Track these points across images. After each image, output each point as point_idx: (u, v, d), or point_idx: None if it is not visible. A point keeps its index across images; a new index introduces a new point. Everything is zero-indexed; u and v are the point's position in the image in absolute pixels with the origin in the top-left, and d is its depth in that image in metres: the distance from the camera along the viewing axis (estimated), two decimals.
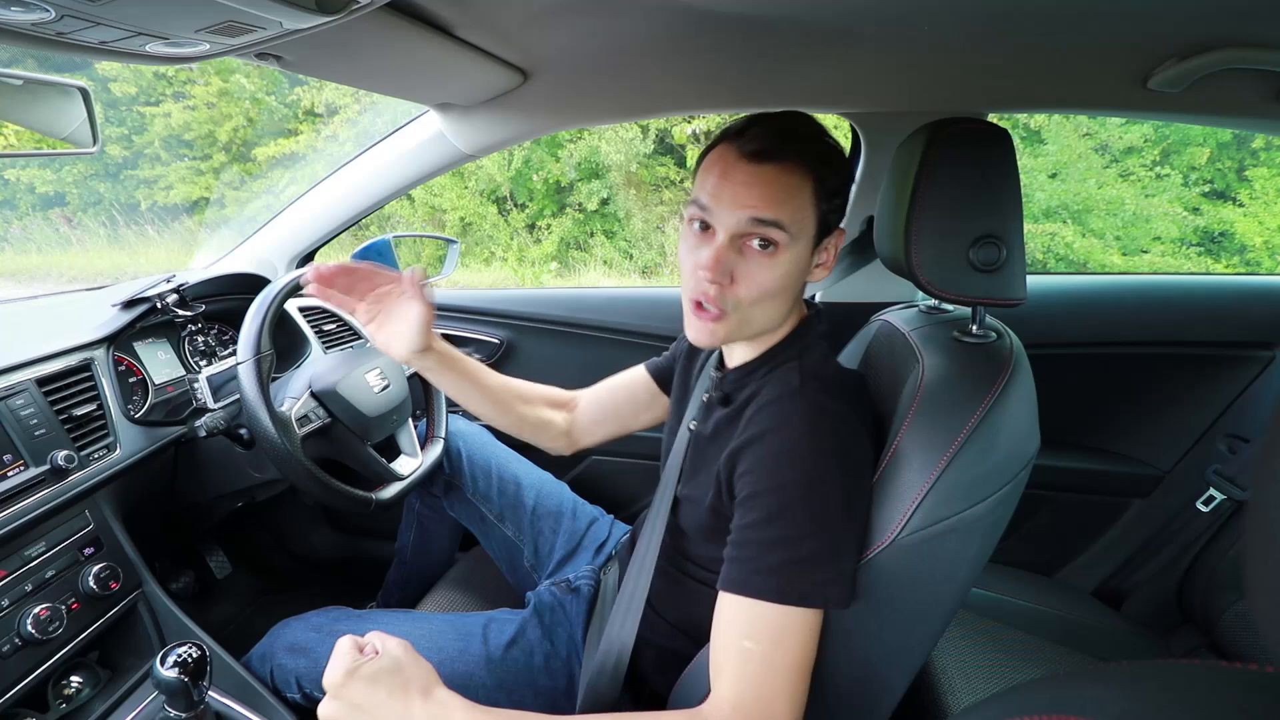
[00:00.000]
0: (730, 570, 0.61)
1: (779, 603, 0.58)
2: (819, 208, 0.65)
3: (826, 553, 0.59)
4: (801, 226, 0.64)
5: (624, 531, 1.08)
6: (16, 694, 0.74)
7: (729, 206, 0.63)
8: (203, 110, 6.83)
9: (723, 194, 0.63)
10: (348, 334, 1.41)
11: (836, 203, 0.66)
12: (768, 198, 0.62)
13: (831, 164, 0.65)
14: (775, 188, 0.62)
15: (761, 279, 0.64)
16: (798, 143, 0.64)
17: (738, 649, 0.59)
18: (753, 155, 0.63)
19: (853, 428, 0.63)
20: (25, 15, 0.49)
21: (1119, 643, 1.15)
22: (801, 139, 0.64)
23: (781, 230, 0.62)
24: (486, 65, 0.93)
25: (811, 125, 0.67)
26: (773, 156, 0.62)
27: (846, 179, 0.68)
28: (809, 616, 0.59)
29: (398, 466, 1.12)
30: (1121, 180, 5.63)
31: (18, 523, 0.78)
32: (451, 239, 1.77)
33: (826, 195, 0.65)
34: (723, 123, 0.71)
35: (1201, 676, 0.26)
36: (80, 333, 0.99)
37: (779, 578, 0.58)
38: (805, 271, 0.68)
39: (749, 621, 0.59)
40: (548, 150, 6.43)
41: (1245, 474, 1.16)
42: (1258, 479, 0.25)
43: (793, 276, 0.66)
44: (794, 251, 0.64)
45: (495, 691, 0.80)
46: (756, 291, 0.64)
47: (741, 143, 0.64)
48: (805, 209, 0.64)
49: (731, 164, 0.64)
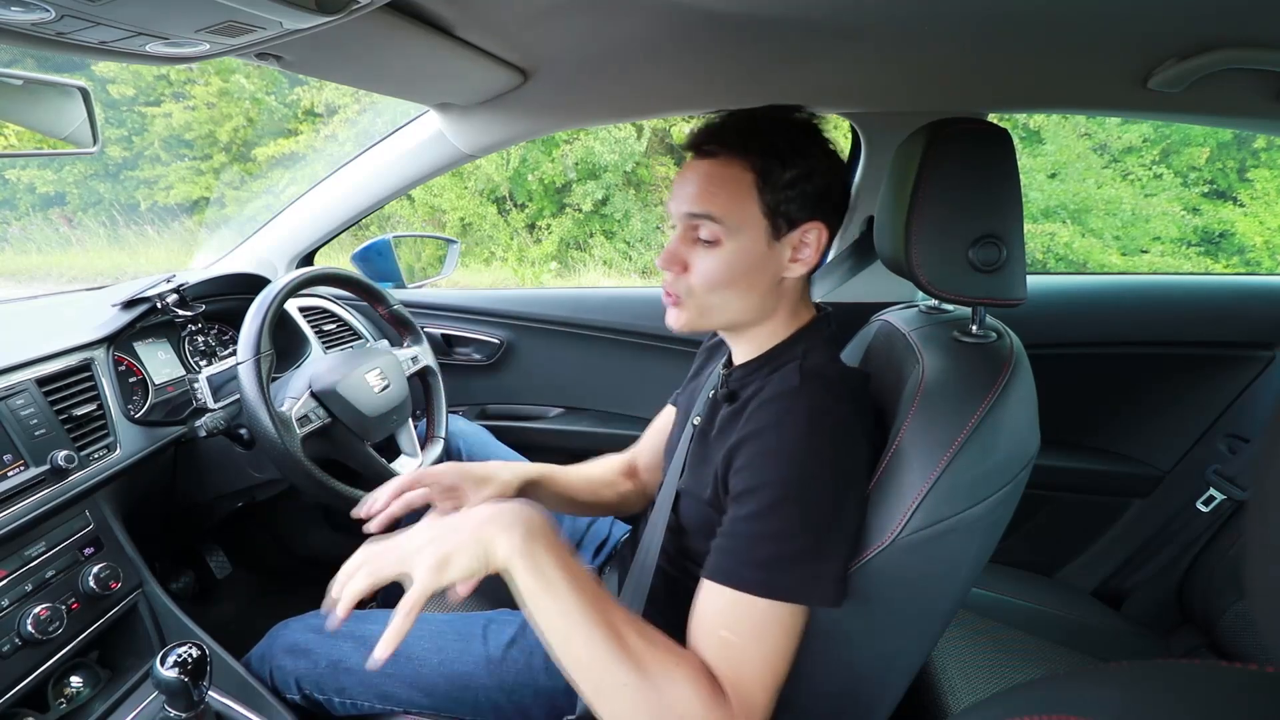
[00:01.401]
0: (717, 560, 0.62)
1: (763, 596, 0.58)
2: (764, 199, 0.65)
3: (815, 550, 0.59)
4: (741, 219, 0.66)
5: (625, 531, 1.08)
6: (16, 694, 0.74)
7: (675, 200, 0.69)
8: (203, 110, 6.83)
9: (675, 189, 0.69)
10: (348, 334, 1.41)
11: (793, 194, 0.66)
12: (699, 192, 0.66)
13: (779, 155, 0.65)
14: (708, 181, 0.66)
15: (706, 269, 0.67)
16: (739, 136, 0.66)
17: (716, 639, 0.59)
18: (695, 150, 0.68)
19: (850, 428, 0.63)
20: (25, 15, 0.49)
21: (1119, 643, 1.15)
22: (742, 134, 0.66)
23: (714, 223, 0.65)
24: (486, 65, 0.93)
25: (759, 121, 0.67)
26: (707, 152, 0.67)
27: (807, 172, 0.66)
28: (792, 613, 0.59)
29: (398, 466, 1.12)
30: (1121, 180, 5.63)
31: (18, 523, 0.77)
32: (451, 239, 1.78)
33: (774, 187, 0.65)
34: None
35: (1201, 676, 0.26)
36: (80, 333, 0.99)
37: (765, 572, 0.58)
38: (768, 264, 0.68)
39: (729, 612, 0.59)
40: (543, 151, 6.43)
41: (1245, 474, 1.16)
42: (1258, 479, 0.25)
43: (744, 267, 0.67)
44: (737, 243, 0.66)
45: (495, 691, 0.80)
46: (704, 280, 0.67)
47: (689, 139, 0.68)
48: (742, 201, 0.65)
49: (686, 160, 0.69)
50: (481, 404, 1.61)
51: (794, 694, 0.64)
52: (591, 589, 0.57)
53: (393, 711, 0.81)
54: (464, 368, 1.58)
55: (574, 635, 0.55)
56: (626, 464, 1.00)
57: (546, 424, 1.55)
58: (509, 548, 0.55)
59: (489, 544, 0.55)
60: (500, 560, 0.55)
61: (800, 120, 0.68)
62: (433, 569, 0.54)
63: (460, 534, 0.56)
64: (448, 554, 0.55)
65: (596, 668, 0.55)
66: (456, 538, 0.56)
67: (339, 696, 0.81)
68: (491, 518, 0.57)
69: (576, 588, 0.55)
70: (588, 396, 1.58)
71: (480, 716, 0.80)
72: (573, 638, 0.55)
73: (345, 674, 0.81)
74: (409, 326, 1.28)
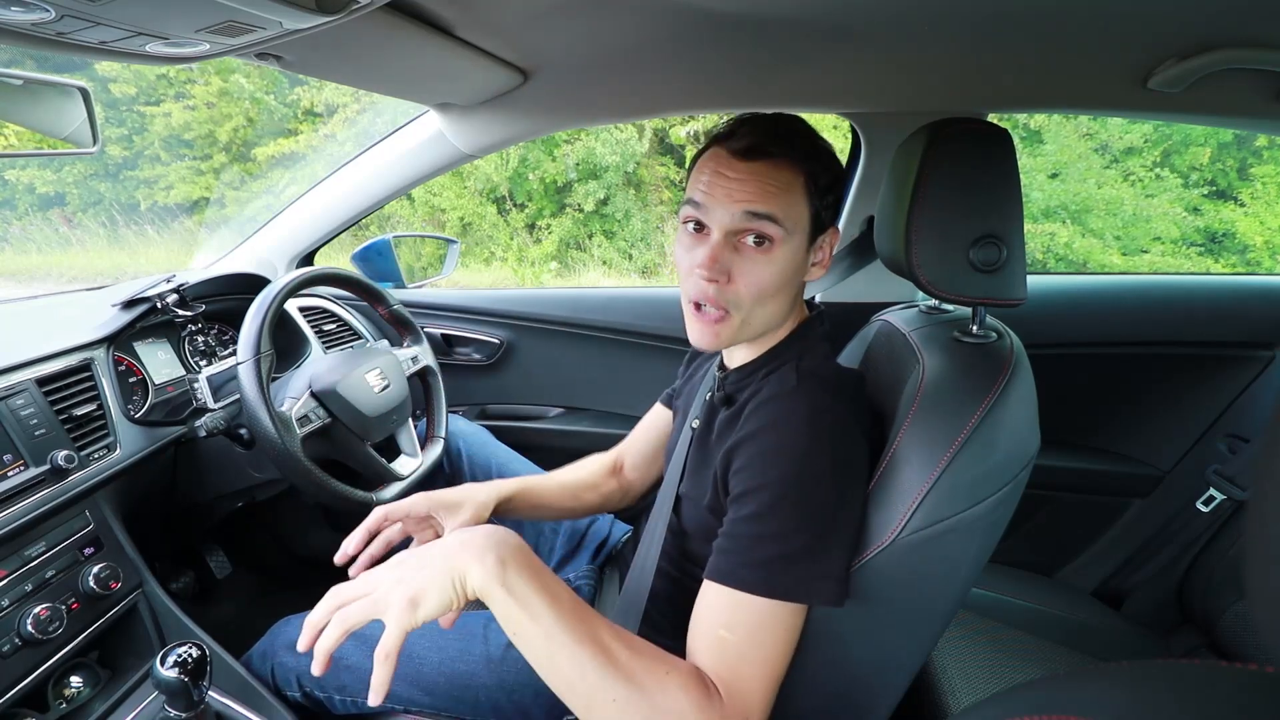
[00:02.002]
0: (718, 561, 0.62)
1: (763, 596, 0.58)
2: (812, 203, 0.65)
3: (815, 550, 0.59)
4: (796, 222, 0.64)
5: (625, 531, 1.08)
6: (16, 694, 0.74)
7: (723, 202, 0.64)
8: (203, 110, 6.83)
9: (716, 191, 0.64)
10: (348, 334, 1.41)
11: (829, 200, 0.67)
12: (761, 191, 0.63)
13: (821, 160, 0.66)
14: (768, 182, 0.63)
15: (759, 275, 0.64)
16: (787, 139, 0.64)
17: (715, 637, 0.59)
18: (744, 152, 0.64)
19: (848, 427, 0.63)
20: (25, 15, 0.49)
21: (1119, 643, 1.15)
22: (790, 136, 0.65)
23: (776, 224, 0.63)
24: (486, 65, 0.93)
25: (799, 124, 0.67)
26: (763, 153, 0.63)
27: (838, 177, 0.68)
28: (791, 612, 0.59)
29: (398, 466, 1.12)
30: (1122, 180, 5.63)
31: (18, 523, 0.77)
32: (451, 239, 1.78)
33: (819, 191, 0.65)
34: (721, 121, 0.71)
35: (1201, 676, 0.26)
36: (80, 333, 0.99)
37: (765, 572, 0.58)
38: (802, 270, 0.68)
39: (730, 612, 0.59)
40: (544, 150, 6.44)
41: (1245, 474, 1.16)
42: (1258, 479, 0.25)
43: (789, 274, 0.66)
44: (789, 247, 0.65)
45: (495, 691, 0.80)
46: (755, 289, 0.64)
47: (732, 142, 0.65)
48: (798, 204, 0.64)
49: (723, 162, 0.65)
50: (481, 404, 1.62)
51: (794, 694, 0.64)
52: (572, 606, 0.55)
53: (393, 710, 0.81)
54: (464, 368, 1.58)
55: (559, 656, 0.53)
56: (612, 463, 1.00)
57: (546, 424, 1.55)
58: (482, 576, 0.53)
59: (461, 575, 0.54)
60: (475, 589, 0.54)
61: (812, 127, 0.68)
62: (405, 610, 0.52)
63: (429, 569, 0.54)
64: (418, 592, 0.53)
65: (585, 686, 0.53)
66: (425, 574, 0.54)
67: (339, 694, 0.81)
68: (462, 547, 0.55)
69: (556, 608, 0.54)
70: (587, 396, 1.58)
71: (480, 716, 0.80)
72: (558, 658, 0.54)
73: (346, 672, 0.81)
74: (409, 326, 1.28)
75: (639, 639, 0.58)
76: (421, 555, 0.56)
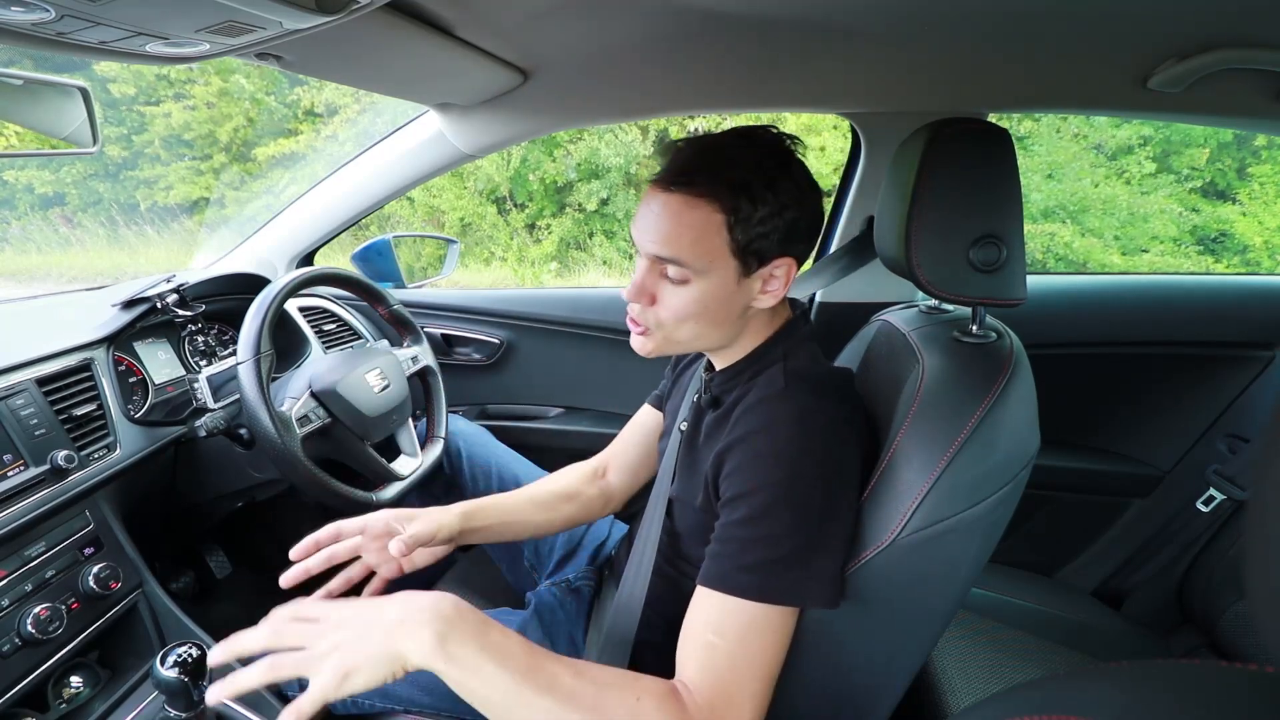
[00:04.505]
0: (710, 566, 0.61)
1: (754, 600, 0.58)
2: (734, 239, 0.62)
3: (807, 552, 0.59)
4: (711, 261, 0.63)
5: (624, 531, 1.08)
6: (16, 694, 0.74)
7: (640, 235, 0.65)
8: (203, 110, 6.82)
9: (639, 221, 0.65)
10: (348, 334, 1.41)
11: (763, 230, 0.63)
12: (668, 235, 0.63)
13: (750, 192, 0.61)
14: (677, 224, 0.62)
15: (675, 304, 0.65)
16: (709, 172, 0.62)
17: (703, 643, 0.59)
18: (664, 182, 0.63)
19: (839, 428, 0.63)
20: (25, 15, 0.49)
21: (1119, 643, 1.15)
22: (715, 167, 0.62)
23: (682, 267, 0.63)
24: (486, 65, 0.93)
25: (736, 152, 0.63)
26: (684, 184, 0.62)
27: (779, 207, 0.63)
28: (783, 615, 0.59)
29: (398, 466, 1.12)
30: (1118, 179, 5.63)
31: (18, 523, 0.78)
32: (451, 239, 1.78)
33: (744, 226, 0.62)
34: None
35: (1201, 676, 0.26)
36: (80, 333, 0.99)
37: (757, 575, 0.58)
38: (736, 297, 0.66)
39: (720, 617, 0.59)
40: (544, 150, 6.43)
41: (1245, 474, 1.16)
42: (1257, 479, 0.25)
43: (712, 304, 0.65)
44: (707, 282, 0.64)
45: None
46: (672, 314, 0.66)
47: (661, 169, 0.65)
48: (712, 242, 0.62)
49: (651, 191, 0.65)
50: (481, 404, 1.62)
51: (794, 694, 0.64)
52: (526, 660, 0.54)
53: (393, 710, 0.81)
54: (464, 368, 1.58)
55: (518, 713, 0.53)
56: (594, 469, 0.98)
57: (546, 424, 1.55)
58: (421, 652, 0.52)
59: (400, 651, 0.52)
60: (416, 665, 0.52)
61: (772, 145, 0.64)
62: (333, 681, 0.51)
63: (368, 646, 0.52)
64: (351, 667, 0.51)
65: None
66: (363, 650, 0.52)
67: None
68: (399, 624, 0.53)
69: (508, 666, 0.53)
70: (588, 396, 1.58)
71: (480, 716, 0.80)
72: (517, 714, 0.53)
73: None
74: (409, 326, 1.28)
75: (605, 669, 0.58)
76: (368, 622, 0.54)
